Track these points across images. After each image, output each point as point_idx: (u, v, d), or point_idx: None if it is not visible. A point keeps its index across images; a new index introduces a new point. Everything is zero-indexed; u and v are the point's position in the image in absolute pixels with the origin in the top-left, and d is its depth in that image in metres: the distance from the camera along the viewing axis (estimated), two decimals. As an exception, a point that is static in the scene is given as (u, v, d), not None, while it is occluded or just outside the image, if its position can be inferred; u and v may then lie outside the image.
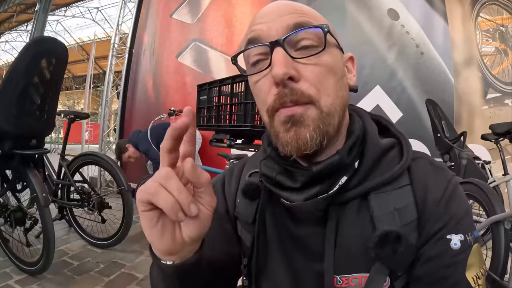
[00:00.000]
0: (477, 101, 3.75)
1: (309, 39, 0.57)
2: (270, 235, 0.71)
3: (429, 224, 0.59)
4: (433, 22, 3.78)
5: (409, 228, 0.58)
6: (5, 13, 15.93)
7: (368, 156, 0.62)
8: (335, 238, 0.62)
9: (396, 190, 0.61)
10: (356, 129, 0.64)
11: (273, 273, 0.70)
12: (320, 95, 0.56)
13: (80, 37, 19.90)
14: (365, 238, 0.59)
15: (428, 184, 0.61)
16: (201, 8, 4.93)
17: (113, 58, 5.60)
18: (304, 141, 0.56)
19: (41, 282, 2.33)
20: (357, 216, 0.62)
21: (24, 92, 2.20)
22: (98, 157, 3.03)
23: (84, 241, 3.13)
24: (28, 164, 2.40)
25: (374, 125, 0.68)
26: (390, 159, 0.64)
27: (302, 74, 0.56)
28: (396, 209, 0.59)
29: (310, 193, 0.60)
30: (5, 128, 2.18)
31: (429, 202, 0.59)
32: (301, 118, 0.56)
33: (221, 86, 1.93)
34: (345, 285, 0.61)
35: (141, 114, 5.27)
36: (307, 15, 0.60)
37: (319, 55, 0.57)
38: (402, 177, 0.62)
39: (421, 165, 0.64)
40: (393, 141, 0.67)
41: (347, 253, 0.61)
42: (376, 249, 0.56)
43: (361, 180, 0.62)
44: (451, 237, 0.57)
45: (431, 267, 0.57)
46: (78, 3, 16.66)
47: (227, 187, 0.82)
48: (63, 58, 2.42)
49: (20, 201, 2.56)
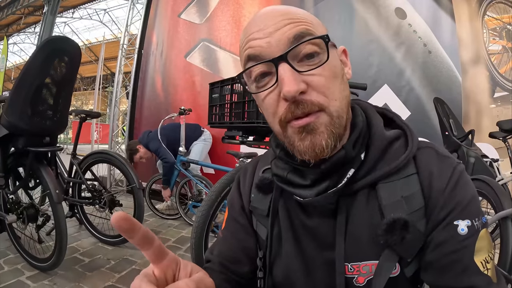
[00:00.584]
0: (485, 100, 3.72)
1: (310, 49, 0.58)
2: (283, 226, 0.74)
3: (436, 211, 0.60)
4: (440, 20, 3.75)
5: (416, 215, 0.60)
6: (13, 15, 16.08)
7: (375, 147, 0.65)
8: (345, 227, 0.64)
9: (403, 179, 0.63)
10: (359, 122, 0.66)
11: (287, 262, 0.72)
12: (329, 101, 0.58)
13: (87, 38, 20.00)
14: (374, 226, 0.61)
15: (433, 172, 0.63)
16: (210, 8, 4.95)
17: (122, 58, 5.64)
18: (320, 149, 0.58)
19: (53, 278, 2.35)
20: (366, 205, 0.65)
21: (38, 91, 2.23)
22: (110, 155, 3.06)
23: (95, 238, 3.17)
24: (41, 162, 2.44)
25: (379, 117, 0.70)
26: (396, 149, 0.66)
27: (309, 84, 0.58)
28: (403, 197, 0.61)
29: (320, 188, 0.63)
30: (20, 126, 2.22)
31: (434, 190, 0.61)
32: (314, 126, 0.58)
33: (234, 84, 1.96)
34: (356, 272, 0.63)
35: (150, 113, 5.30)
36: (304, 22, 0.60)
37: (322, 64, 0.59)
38: (408, 166, 0.64)
39: (426, 154, 0.66)
40: (398, 132, 0.69)
41: (358, 242, 0.63)
42: (385, 236, 0.58)
43: (368, 171, 0.64)
44: (458, 223, 0.58)
45: (440, 253, 0.59)
46: (86, 5, 16.75)
47: (242, 184, 0.87)
48: (76, 58, 2.45)
49: (33, 198, 2.60)
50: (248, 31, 0.62)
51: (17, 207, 2.47)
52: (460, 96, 3.66)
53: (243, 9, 4.68)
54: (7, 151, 2.44)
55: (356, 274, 0.63)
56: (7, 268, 2.45)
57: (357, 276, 0.63)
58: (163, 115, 4.06)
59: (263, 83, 0.61)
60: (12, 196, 2.52)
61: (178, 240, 3.30)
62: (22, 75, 2.17)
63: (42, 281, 2.30)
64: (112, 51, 14.65)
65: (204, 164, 3.90)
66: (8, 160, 2.47)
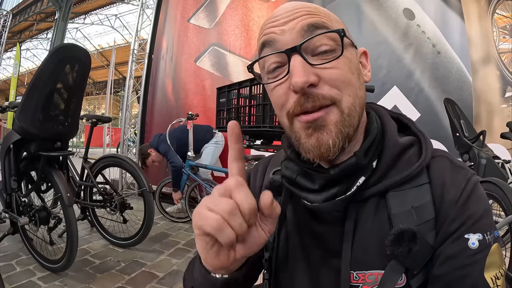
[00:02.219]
0: (496, 100, 3.67)
1: (326, 44, 0.57)
2: (290, 230, 0.73)
3: (446, 223, 0.58)
4: (449, 20, 3.72)
5: (426, 227, 0.58)
6: (25, 21, 16.34)
7: (387, 154, 0.63)
8: (353, 235, 0.62)
9: (414, 188, 0.60)
10: (373, 129, 0.64)
11: (292, 267, 0.71)
12: (342, 94, 0.57)
13: (99, 43, 20.24)
14: (382, 235, 0.59)
15: (446, 183, 0.60)
16: (218, 13, 4.99)
17: (133, 63, 5.70)
18: (326, 148, 0.56)
19: (64, 279, 2.39)
20: (376, 214, 0.62)
21: (49, 97, 2.28)
22: (120, 159, 3.09)
23: (105, 240, 3.20)
24: (53, 166, 2.49)
25: (394, 123, 0.68)
26: (409, 157, 0.63)
27: (321, 78, 0.56)
28: (413, 207, 0.59)
29: (328, 194, 0.61)
30: (31, 132, 2.28)
31: (446, 201, 0.58)
32: (323, 123, 0.56)
33: (240, 89, 1.98)
34: (361, 281, 0.61)
35: (161, 117, 5.34)
36: (321, 15, 0.59)
37: (337, 58, 0.57)
38: (421, 175, 0.61)
39: (440, 164, 0.63)
40: (412, 139, 0.67)
41: (364, 250, 0.61)
42: (392, 246, 0.56)
43: (379, 178, 0.62)
44: (469, 237, 0.56)
45: (449, 267, 0.56)
46: (97, 11, 16.96)
47: (251, 183, 0.84)
48: (86, 64, 2.49)
49: (44, 201, 2.65)
50: (265, 23, 0.62)
51: (29, 210, 2.52)
52: (471, 96, 3.62)
53: (252, 13, 4.72)
54: (19, 155, 2.50)
55: (361, 283, 0.61)
56: (19, 269, 2.50)
57: (361, 285, 0.61)
58: (173, 119, 4.08)
59: (275, 74, 0.60)
60: (24, 199, 2.57)
61: (188, 243, 3.32)
62: (34, 82, 2.22)
63: (53, 282, 2.34)
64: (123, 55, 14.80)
65: (213, 168, 3.91)
66: (21, 164, 2.53)
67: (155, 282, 2.44)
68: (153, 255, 2.94)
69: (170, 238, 3.45)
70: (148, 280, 2.46)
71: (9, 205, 2.57)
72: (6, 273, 2.38)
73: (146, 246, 3.11)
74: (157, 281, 2.45)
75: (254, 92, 1.84)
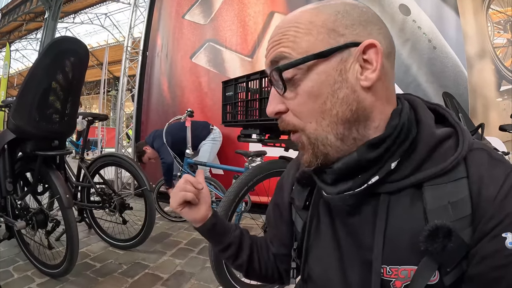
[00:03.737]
0: (491, 94, 3.73)
1: (287, 73, 0.60)
2: (323, 221, 0.73)
3: (483, 221, 0.56)
4: (444, 15, 3.77)
5: (462, 223, 0.57)
6: (15, 22, 16.16)
7: (422, 145, 0.61)
8: (385, 228, 0.61)
9: (451, 182, 0.58)
10: (390, 127, 0.61)
11: (323, 257, 0.72)
12: (304, 123, 0.62)
13: (89, 43, 20.05)
14: (416, 230, 0.58)
15: (483, 178, 0.57)
16: (214, 9, 4.95)
17: (127, 61, 5.64)
18: (307, 162, 0.64)
19: (64, 284, 2.31)
20: (410, 207, 0.61)
21: (46, 94, 2.19)
22: (119, 158, 3.03)
23: (105, 242, 3.13)
24: (50, 166, 2.39)
25: (431, 114, 0.66)
26: (446, 150, 0.61)
27: (288, 107, 0.63)
28: (450, 202, 0.57)
29: (342, 188, 0.63)
30: (27, 130, 2.18)
31: (483, 198, 0.56)
32: (300, 144, 0.65)
33: (249, 82, 1.94)
34: (394, 276, 0.60)
35: (158, 116, 5.28)
36: (286, 40, 0.60)
37: (299, 84, 0.59)
38: (458, 168, 0.59)
39: (477, 157, 0.60)
40: (450, 130, 0.64)
41: (398, 245, 0.60)
42: (426, 243, 0.55)
43: (413, 170, 0.60)
44: (506, 235, 0.53)
45: (485, 267, 0.54)
46: (87, 10, 16.83)
47: (286, 175, 0.92)
48: (84, 59, 2.39)
49: (41, 204, 2.57)
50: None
51: (26, 213, 2.42)
52: (467, 90, 3.68)
53: (248, 8, 4.68)
54: (14, 156, 2.41)
55: (394, 277, 0.60)
56: (17, 275, 2.41)
57: (394, 280, 0.60)
58: (170, 117, 4.02)
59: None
60: (20, 202, 2.47)
61: (189, 243, 3.27)
62: (29, 78, 2.11)
63: (53, 288, 2.28)
64: (114, 55, 14.70)
65: (212, 165, 3.86)
66: (16, 165, 2.44)
67: (160, 284, 2.38)
68: (156, 256, 2.88)
69: (171, 238, 3.40)
70: (152, 282, 2.40)
71: (4, 208, 2.48)
72: (4, 280, 2.31)
73: (147, 247, 3.05)
74: (162, 283, 2.39)
75: (264, 84, 1.81)
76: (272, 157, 2.33)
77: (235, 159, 3.94)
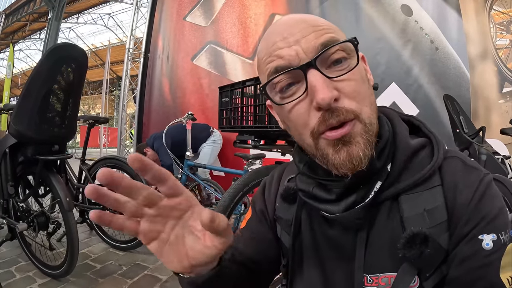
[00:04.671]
0: (493, 95, 3.68)
1: (338, 53, 0.57)
2: (305, 236, 0.73)
3: (460, 225, 0.57)
4: (446, 16, 3.73)
5: (438, 229, 0.58)
6: (18, 22, 16.24)
7: (398, 158, 0.62)
8: (366, 239, 0.63)
9: (426, 191, 0.60)
10: (385, 132, 0.63)
11: (308, 272, 0.72)
12: (361, 107, 0.57)
13: (93, 43, 20.13)
14: (395, 239, 0.59)
15: (458, 184, 0.59)
16: (215, 11, 4.97)
17: (129, 62, 5.66)
18: (358, 160, 0.55)
19: (65, 285, 2.35)
20: (388, 217, 0.62)
21: (46, 99, 2.22)
22: (120, 161, 3.04)
23: (106, 244, 3.17)
24: (51, 169, 2.43)
25: (405, 125, 0.68)
26: (421, 160, 0.63)
27: (341, 91, 0.56)
28: (426, 210, 0.59)
29: (347, 202, 0.61)
30: (28, 135, 2.23)
31: (459, 203, 0.58)
32: (350, 137, 0.56)
33: (244, 88, 1.94)
34: (375, 284, 0.61)
35: (159, 117, 5.33)
36: (326, 28, 0.59)
37: (352, 65, 0.57)
38: (433, 177, 0.61)
39: (452, 165, 0.62)
40: (424, 140, 0.66)
41: (378, 253, 0.62)
42: (403, 249, 0.56)
43: (392, 182, 0.62)
44: (482, 237, 0.55)
45: (464, 269, 0.56)
46: (90, 10, 16.89)
47: (267, 192, 0.86)
48: (83, 64, 2.43)
49: (43, 206, 2.60)
50: (271, 41, 0.60)
51: (27, 215, 2.46)
52: (469, 92, 3.63)
53: (249, 10, 4.70)
54: (16, 159, 2.44)
55: (375, 285, 0.62)
56: (18, 276, 2.45)
57: None
58: (171, 118, 4.05)
59: (289, 93, 0.59)
60: (22, 204, 2.51)
61: (189, 244, 3.28)
62: (29, 83, 2.16)
63: (54, 288, 2.30)
64: (117, 54, 14.75)
65: (212, 167, 3.88)
66: (18, 169, 2.47)
67: (159, 285, 2.41)
68: (155, 258, 2.83)
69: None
70: (151, 283, 2.43)
71: (7, 210, 2.51)
72: (6, 281, 2.34)
73: (147, 248, 2.99)
74: (161, 285, 2.42)
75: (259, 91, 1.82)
76: (271, 159, 2.34)
77: (236, 161, 3.94)
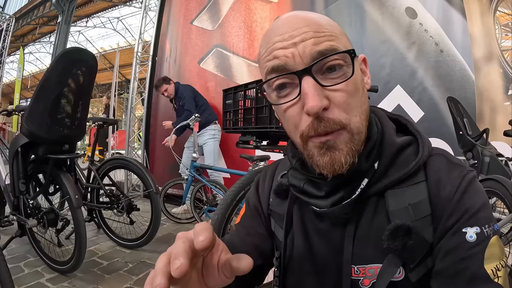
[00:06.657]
0: (499, 98, 3.65)
1: (334, 60, 0.58)
2: (297, 230, 0.76)
3: (444, 219, 0.60)
4: (451, 18, 3.70)
5: (422, 223, 0.61)
6: (28, 25, 16.41)
7: (385, 155, 0.65)
8: (354, 232, 0.66)
9: (411, 186, 0.63)
10: (374, 133, 0.66)
11: (299, 264, 0.74)
12: (350, 118, 0.59)
13: (102, 46, 20.28)
14: (381, 232, 0.61)
15: (441, 180, 0.63)
16: (221, 15, 5.01)
17: (137, 66, 5.73)
18: (339, 165, 0.58)
19: (72, 280, 2.42)
20: (375, 212, 0.65)
21: (57, 101, 2.31)
22: (127, 161, 3.13)
23: (112, 242, 3.23)
24: (61, 168, 2.52)
25: (392, 124, 0.71)
26: (406, 157, 0.66)
27: (331, 100, 0.57)
28: (410, 204, 0.61)
29: (335, 199, 0.64)
30: (39, 135, 2.31)
31: (442, 198, 0.61)
32: (334, 144, 0.58)
33: (246, 90, 2.00)
34: (362, 275, 0.64)
35: (166, 119, 5.31)
36: (327, 34, 0.59)
37: (347, 75, 0.58)
38: (418, 173, 0.64)
39: (437, 162, 0.66)
40: (409, 138, 0.69)
41: (365, 246, 0.65)
42: (388, 241, 0.59)
43: (379, 178, 0.65)
44: (466, 230, 0.58)
45: (449, 261, 0.58)
46: (99, 14, 17.00)
47: (260, 186, 0.88)
48: (93, 67, 2.51)
49: (52, 203, 2.68)
50: (270, 39, 0.62)
51: (37, 212, 2.55)
52: (474, 94, 3.60)
53: (255, 14, 4.73)
54: (27, 158, 2.52)
55: (362, 276, 0.64)
56: (27, 271, 2.54)
57: (362, 279, 0.64)
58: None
59: (284, 93, 0.61)
60: (32, 201, 2.59)
61: (194, 244, 3.32)
62: (41, 86, 2.24)
63: (62, 283, 2.37)
64: (126, 58, 14.82)
65: (219, 169, 3.94)
66: (29, 167, 2.55)
67: (164, 282, 2.46)
68: None
69: (177, 240, 3.46)
70: (156, 281, 2.48)
71: (17, 207, 2.60)
72: (15, 275, 2.40)
73: (153, 247, 3.13)
74: (165, 282, 2.47)
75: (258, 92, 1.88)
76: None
77: (241, 162, 3.98)
